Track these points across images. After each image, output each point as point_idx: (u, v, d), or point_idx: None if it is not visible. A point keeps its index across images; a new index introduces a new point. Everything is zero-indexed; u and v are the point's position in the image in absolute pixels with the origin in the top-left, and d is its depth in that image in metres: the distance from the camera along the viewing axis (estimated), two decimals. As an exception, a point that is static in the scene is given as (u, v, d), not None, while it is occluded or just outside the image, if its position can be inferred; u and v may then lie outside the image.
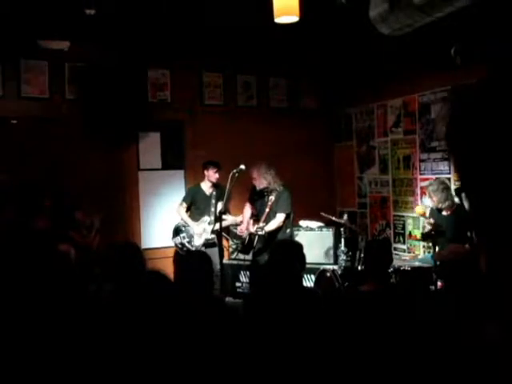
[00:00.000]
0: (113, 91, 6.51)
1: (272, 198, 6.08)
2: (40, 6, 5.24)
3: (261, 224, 6.06)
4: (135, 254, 3.73)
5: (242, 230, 6.37)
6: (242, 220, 6.50)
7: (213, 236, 6.45)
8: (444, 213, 5.76)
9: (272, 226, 6.07)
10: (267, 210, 6.10)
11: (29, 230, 5.23)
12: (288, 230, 6.25)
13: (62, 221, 5.64)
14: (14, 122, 6.42)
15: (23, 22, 5.68)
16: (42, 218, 5.42)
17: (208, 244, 6.55)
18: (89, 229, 5.88)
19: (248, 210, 6.50)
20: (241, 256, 7.05)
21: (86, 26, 5.73)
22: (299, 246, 3.70)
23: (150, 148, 7.24)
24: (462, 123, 5.31)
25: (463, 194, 5.18)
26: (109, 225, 6.34)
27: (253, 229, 6.13)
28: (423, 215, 6.06)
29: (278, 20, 4.00)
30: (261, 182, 6.13)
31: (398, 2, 4.23)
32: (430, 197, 5.80)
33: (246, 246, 6.35)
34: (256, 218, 6.37)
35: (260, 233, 6.02)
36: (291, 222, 6.34)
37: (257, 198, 6.37)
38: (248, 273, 6.90)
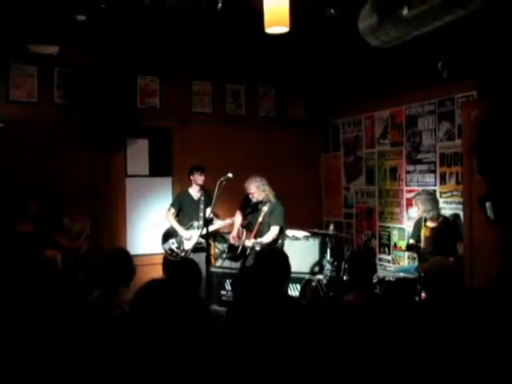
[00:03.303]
0: (102, 97, 6.51)
1: (265, 208, 6.15)
2: (30, 10, 5.23)
3: (258, 240, 6.08)
4: (125, 261, 3.73)
5: (234, 237, 6.39)
6: (233, 227, 6.51)
7: (202, 241, 6.45)
8: (429, 224, 5.82)
9: (268, 238, 6.10)
10: (260, 220, 6.15)
11: (14, 235, 5.19)
12: (280, 241, 6.30)
13: (48, 225, 5.60)
14: (1, 125, 6.38)
15: (13, 26, 5.67)
16: (28, 223, 5.38)
17: (197, 249, 6.55)
18: (77, 234, 5.84)
19: (239, 217, 6.53)
20: (226, 263, 7.04)
21: (76, 31, 5.73)
22: (284, 256, 3.70)
23: (138, 154, 7.23)
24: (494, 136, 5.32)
25: (488, 204, 5.20)
26: (95, 231, 6.31)
27: (249, 243, 6.13)
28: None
29: (268, 30, 4.04)
30: (259, 195, 6.16)
31: (387, 15, 4.28)
32: (417, 205, 5.87)
33: (238, 255, 6.36)
34: (247, 227, 6.39)
35: (258, 248, 6.00)
36: (284, 233, 6.39)
37: (249, 208, 6.40)
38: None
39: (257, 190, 6.13)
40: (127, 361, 2.80)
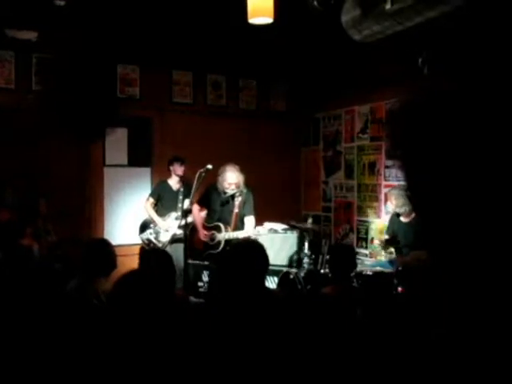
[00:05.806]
0: (80, 84, 6.42)
1: (240, 199, 5.98)
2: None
3: (258, 228, 5.96)
4: (104, 251, 3.69)
5: (205, 236, 6.09)
6: (197, 227, 6.23)
7: (180, 232, 6.38)
8: (402, 219, 5.85)
9: (251, 228, 5.96)
10: (236, 210, 5.96)
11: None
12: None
13: (25, 213, 5.53)
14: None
15: (-10, 10, 5.57)
16: (5, 211, 5.31)
17: (174, 240, 6.49)
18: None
19: (198, 215, 6.25)
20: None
21: (55, 16, 5.64)
22: (261, 247, 3.67)
23: (117, 144, 7.16)
24: (411, 135, 5.39)
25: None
26: (72, 219, 6.25)
27: (243, 234, 5.86)
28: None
29: (251, 21, 4.01)
30: (239, 186, 5.90)
31: (370, 9, 4.29)
32: (390, 200, 5.89)
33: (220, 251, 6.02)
34: (223, 221, 6.13)
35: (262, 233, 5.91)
36: None
37: (220, 202, 6.10)
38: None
39: (240, 179, 5.88)
40: (102, 351, 2.78)
